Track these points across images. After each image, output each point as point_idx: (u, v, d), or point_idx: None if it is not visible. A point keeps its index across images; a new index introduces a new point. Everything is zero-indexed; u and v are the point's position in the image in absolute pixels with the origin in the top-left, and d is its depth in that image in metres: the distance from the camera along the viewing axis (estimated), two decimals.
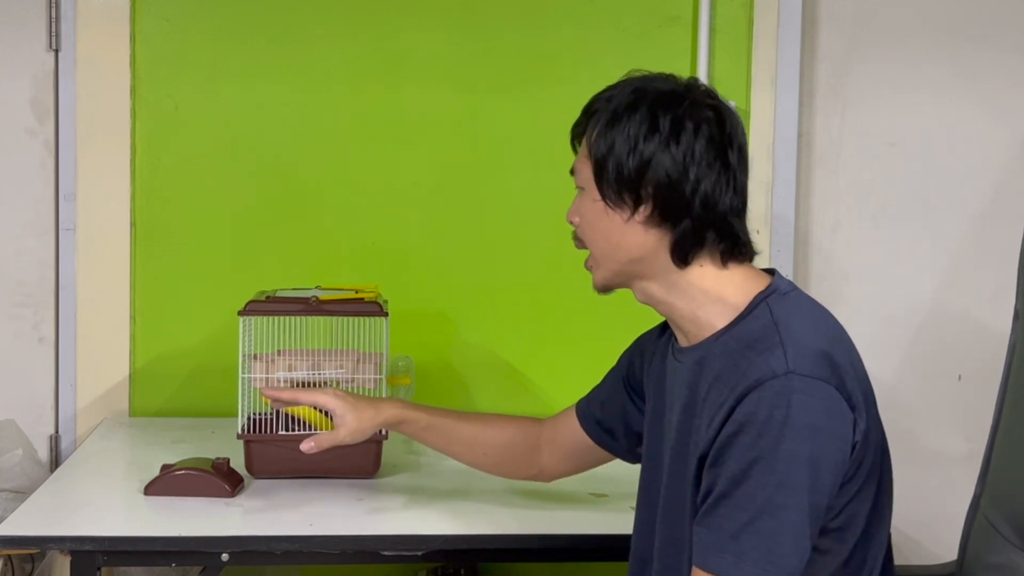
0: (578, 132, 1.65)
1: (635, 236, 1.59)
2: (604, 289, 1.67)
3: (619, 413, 1.88)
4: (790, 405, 1.44)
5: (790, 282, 1.62)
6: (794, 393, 1.44)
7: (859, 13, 2.81)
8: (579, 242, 1.67)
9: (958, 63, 2.82)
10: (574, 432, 1.94)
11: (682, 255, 1.58)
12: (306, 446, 1.96)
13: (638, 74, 1.63)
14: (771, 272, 1.64)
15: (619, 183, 1.57)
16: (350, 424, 1.96)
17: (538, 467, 2.00)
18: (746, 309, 1.56)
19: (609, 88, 1.63)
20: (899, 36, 2.82)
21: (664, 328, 1.75)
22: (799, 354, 1.47)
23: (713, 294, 1.58)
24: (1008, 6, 2.82)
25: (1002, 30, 2.82)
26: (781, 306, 1.55)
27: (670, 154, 1.55)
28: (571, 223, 1.67)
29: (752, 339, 1.51)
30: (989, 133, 2.83)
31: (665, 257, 1.59)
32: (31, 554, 2.52)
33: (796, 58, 2.78)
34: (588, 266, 1.67)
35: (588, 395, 1.95)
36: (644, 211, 1.57)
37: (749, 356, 1.49)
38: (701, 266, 1.59)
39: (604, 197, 1.59)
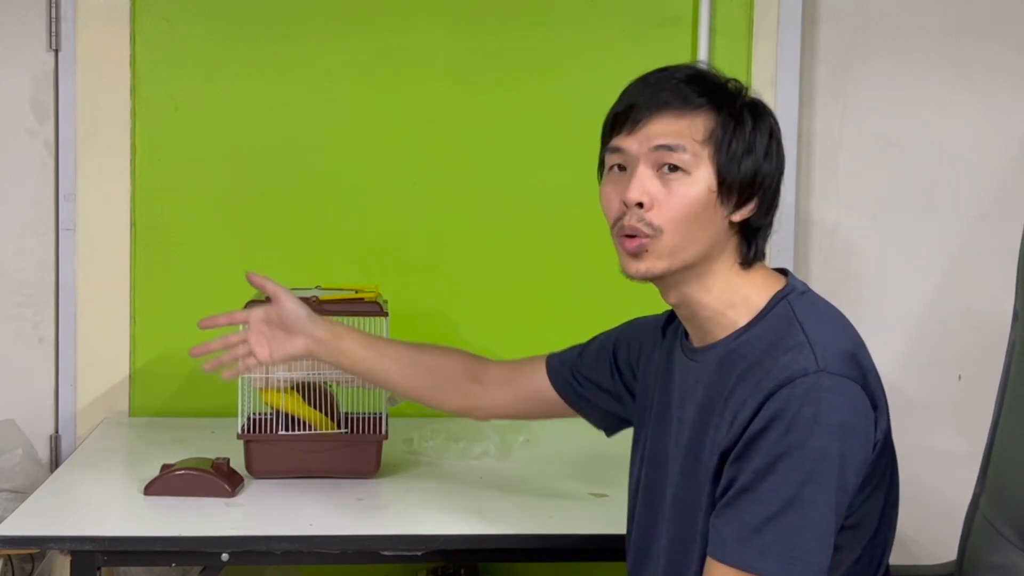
0: (670, 108, 1.56)
1: (721, 233, 1.58)
2: (650, 278, 1.59)
3: (596, 383, 1.88)
4: (820, 402, 1.44)
5: (803, 282, 1.62)
6: (824, 391, 1.45)
7: (859, 13, 2.81)
8: (642, 227, 1.54)
9: (958, 63, 2.82)
10: (538, 383, 1.95)
11: (752, 261, 1.60)
12: (227, 373, 2.05)
13: (705, 65, 1.65)
14: (784, 272, 1.64)
15: (746, 182, 1.56)
16: (286, 304, 2.00)
17: (474, 400, 2.00)
18: (765, 308, 1.56)
19: (701, 75, 1.61)
20: (899, 36, 2.82)
21: (666, 323, 1.74)
22: (827, 353, 1.48)
23: (743, 293, 1.59)
24: (1008, 6, 2.81)
25: (1002, 30, 2.82)
26: (801, 305, 1.56)
27: (778, 163, 1.60)
28: (639, 204, 1.54)
29: (776, 337, 1.52)
30: (989, 133, 2.83)
31: (727, 258, 1.59)
32: (31, 554, 2.52)
33: (796, 58, 2.78)
34: (642, 251, 1.55)
35: (560, 355, 1.95)
36: (745, 212, 1.58)
37: (775, 354, 1.50)
38: (742, 267, 1.61)
39: (722, 190, 1.56)
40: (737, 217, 1.57)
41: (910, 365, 2.84)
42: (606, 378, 1.88)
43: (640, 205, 1.54)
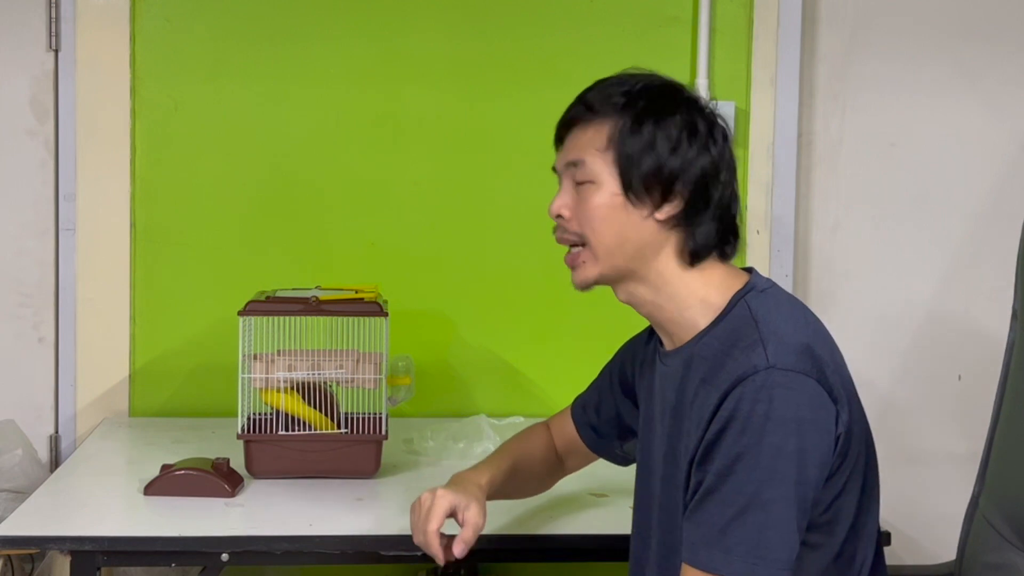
0: (578, 122, 1.62)
1: (650, 233, 1.58)
2: (589, 285, 1.64)
3: (613, 416, 1.88)
4: (772, 399, 1.45)
5: (768, 279, 1.63)
6: (775, 387, 1.45)
7: (859, 13, 2.81)
8: (568, 236, 1.64)
9: (958, 63, 2.82)
10: (573, 435, 1.94)
11: (695, 256, 1.58)
12: (458, 550, 1.72)
13: (637, 71, 1.63)
14: (748, 271, 1.64)
15: (652, 180, 1.57)
16: (474, 510, 1.74)
17: (560, 475, 2.00)
18: (726, 308, 1.57)
19: (614, 82, 1.62)
20: (899, 36, 2.82)
21: (651, 334, 1.75)
22: (779, 349, 1.48)
23: (699, 294, 1.59)
24: (1008, 6, 2.82)
25: (1002, 30, 2.82)
26: (759, 302, 1.56)
27: (709, 155, 1.57)
28: (559, 216, 1.63)
29: (734, 337, 1.52)
30: (989, 133, 2.83)
31: (667, 257, 1.58)
32: (31, 554, 2.52)
33: (796, 58, 2.78)
34: (577, 261, 1.63)
35: (582, 397, 1.94)
36: (668, 209, 1.57)
37: (732, 354, 1.50)
38: (700, 268, 1.59)
39: (628, 191, 1.58)
40: (661, 215, 1.57)
41: (910, 365, 2.84)
42: (619, 405, 1.87)
43: (560, 217, 1.63)
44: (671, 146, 1.57)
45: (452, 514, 1.73)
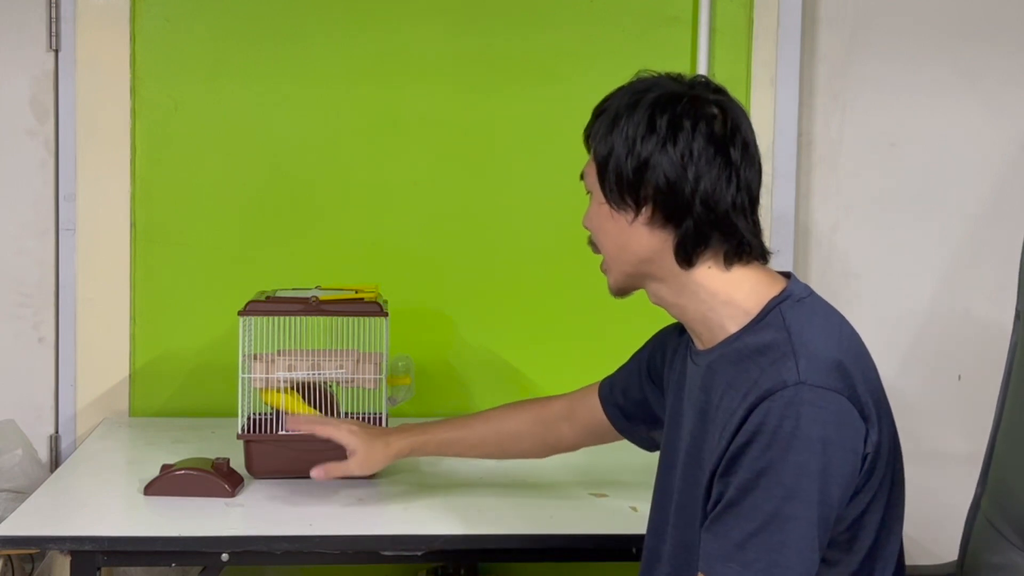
0: (586, 135, 1.64)
1: (640, 238, 1.58)
2: (619, 292, 1.66)
3: (640, 400, 1.90)
4: (800, 416, 1.43)
5: (807, 287, 1.59)
6: (804, 404, 1.43)
7: (859, 13, 2.81)
8: (594, 247, 1.67)
9: (958, 63, 2.82)
10: (596, 413, 1.98)
11: (686, 256, 1.56)
12: (316, 472, 2.04)
13: (647, 75, 1.62)
14: (788, 275, 1.62)
15: (620, 186, 1.56)
16: (360, 456, 2.04)
17: (555, 446, 2.08)
18: (759, 315, 1.54)
19: (617, 89, 1.62)
20: (899, 36, 2.82)
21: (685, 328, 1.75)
22: (811, 364, 1.46)
23: (722, 296, 1.57)
24: (1008, 6, 2.82)
25: (1002, 30, 2.82)
26: (794, 313, 1.53)
27: (667, 154, 1.53)
28: (586, 228, 1.66)
29: (764, 346, 1.50)
30: (989, 133, 2.83)
31: (670, 258, 1.57)
32: (31, 554, 2.52)
33: (796, 58, 2.78)
34: (603, 269, 1.66)
35: (611, 378, 1.97)
36: (646, 213, 1.56)
37: (761, 364, 1.48)
38: (708, 267, 1.57)
39: (609, 200, 1.58)
40: (643, 219, 1.56)
41: (910, 365, 2.84)
42: (646, 392, 1.88)
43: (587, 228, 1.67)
44: (627, 149, 1.55)
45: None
